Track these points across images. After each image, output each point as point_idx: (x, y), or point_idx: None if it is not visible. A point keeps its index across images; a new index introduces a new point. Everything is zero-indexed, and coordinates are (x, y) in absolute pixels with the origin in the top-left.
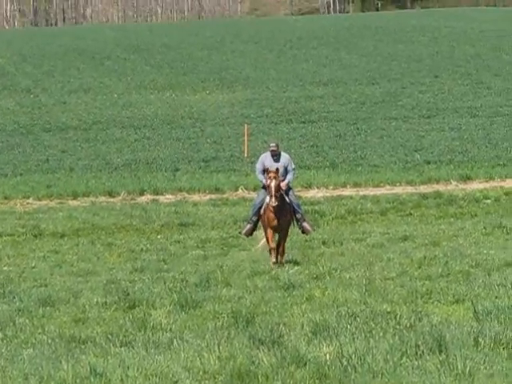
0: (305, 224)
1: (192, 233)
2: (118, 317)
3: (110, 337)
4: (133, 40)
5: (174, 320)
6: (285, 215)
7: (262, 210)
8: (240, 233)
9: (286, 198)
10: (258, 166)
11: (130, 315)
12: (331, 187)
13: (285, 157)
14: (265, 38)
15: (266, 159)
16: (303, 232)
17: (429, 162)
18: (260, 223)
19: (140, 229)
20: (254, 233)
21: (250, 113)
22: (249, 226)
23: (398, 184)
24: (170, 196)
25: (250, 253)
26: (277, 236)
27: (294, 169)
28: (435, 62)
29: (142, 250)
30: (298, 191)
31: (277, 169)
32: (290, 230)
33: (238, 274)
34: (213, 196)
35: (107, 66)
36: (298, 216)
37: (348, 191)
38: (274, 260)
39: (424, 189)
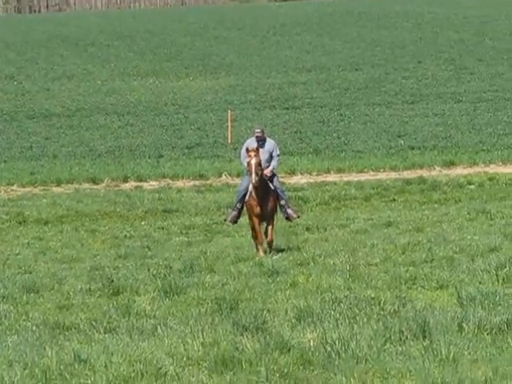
0: (289, 210)
1: (176, 219)
2: (102, 303)
3: (94, 323)
4: (116, 26)
5: (157, 306)
6: (268, 202)
7: (246, 197)
8: (225, 220)
9: (270, 185)
10: (243, 152)
11: (114, 302)
12: (315, 173)
13: (270, 142)
14: (248, 25)
15: (250, 144)
16: (287, 218)
17: (412, 148)
18: (245, 211)
19: (124, 215)
20: (240, 222)
21: (233, 99)
22: (234, 213)
23: (381, 170)
24: (154, 182)
25: (233, 239)
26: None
27: (278, 155)
28: (419, 47)
29: (125, 236)
30: (282, 177)
31: (257, 147)
32: (275, 217)
33: (222, 260)
34: (196, 182)
35: (91, 53)
36: (282, 202)
37: (332, 177)
38: (262, 254)
39: (408, 174)
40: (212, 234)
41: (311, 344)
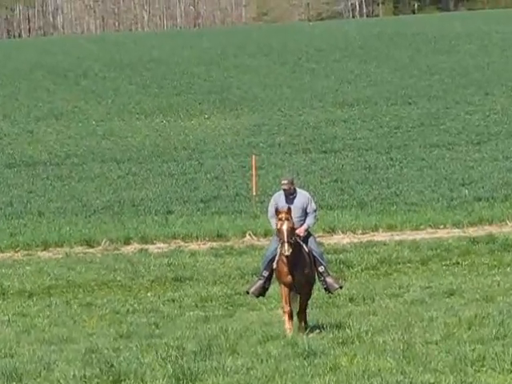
0: (329, 279)
1: (189, 289)
2: None
3: None
4: (114, 54)
5: None
6: (302, 268)
7: (274, 263)
8: (248, 292)
9: (305, 247)
10: (270, 208)
11: None
12: (360, 231)
13: (303, 195)
14: (276, 50)
15: (279, 199)
16: (327, 289)
17: (479, 199)
18: (274, 279)
19: (126, 285)
20: (267, 292)
21: (258, 141)
22: (259, 283)
23: (441, 226)
24: (162, 245)
25: (260, 313)
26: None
27: (315, 210)
28: (485, 75)
29: (128, 311)
30: (319, 237)
31: (289, 208)
32: (312, 289)
33: (247, 339)
34: (214, 244)
35: (83, 87)
36: (321, 269)
37: (380, 236)
38: (290, 327)
39: (474, 232)
40: (234, 308)
41: None
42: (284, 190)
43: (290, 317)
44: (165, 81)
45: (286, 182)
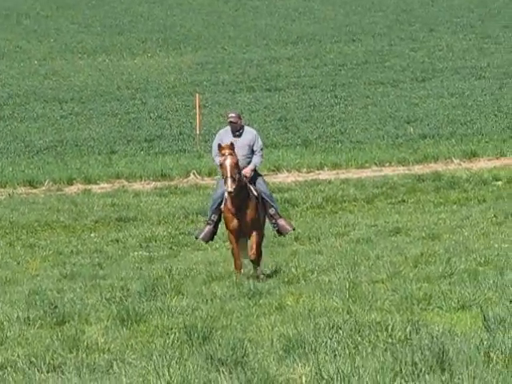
0: (281, 221)
1: (133, 229)
2: (44, 335)
3: (34, 360)
4: None
5: (112, 338)
6: (249, 211)
7: (222, 205)
8: (196, 237)
9: (252, 189)
10: (214, 147)
11: (58, 333)
12: (304, 170)
13: (250, 132)
14: None
15: (225, 136)
16: (279, 232)
17: (425, 137)
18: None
19: (69, 226)
20: (215, 236)
21: (202, 80)
22: (208, 228)
23: (387, 164)
24: (106, 185)
25: (205, 253)
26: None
27: (262, 148)
28: (430, 12)
29: (71, 252)
30: (264, 175)
31: (231, 143)
32: (262, 231)
33: (192, 279)
34: (158, 184)
35: (25, 26)
36: (272, 211)
37: (326, 174)
38: (239, 275)
39: (419, 169)
40: (178, 248)
41: (303, 381)
42: (231, 123)
43: (240, 268)
44: (107, 20)
45: (233, 115)
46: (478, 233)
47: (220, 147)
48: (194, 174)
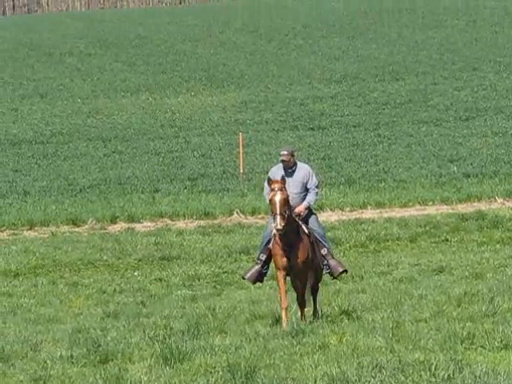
0: (332, 262)
1: (177, 268)
2: (88, 373)
3: None
4: (99, 31)
5: (156, 376)
6: (299, 250)
7: (270, 244)
8: (243, 277)
9: (304, 228)
10: (266, 185)
11: (101, 371)
12: (348, 208)
13: (303, 168)
14: (262, 26)
15: (277, 173)
16: (330, 274)
17: (468, 176)
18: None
19: (112, 264)
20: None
21: (245, 118)
22: (255, 268)
23: (430, 203)
24: (149, 223)
25: (248, 292)
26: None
27: (317, 186)
28: (474, 51)
29: (115, 290)
30: None
31: (282, 177)
32: (315, 274)
33: (235, 318)
34: (202, 222)
35: (68, 65)
36: (324, 252)
37: (369, 213)
38: (285, 325)
39: (463, 208)
40: (222, 286)
41: None
42: (283, 161)
43: (286, 311)
44: (151, 58)
45: (285, 152)
46: None
47: (270, 181)
48: (237, 212)
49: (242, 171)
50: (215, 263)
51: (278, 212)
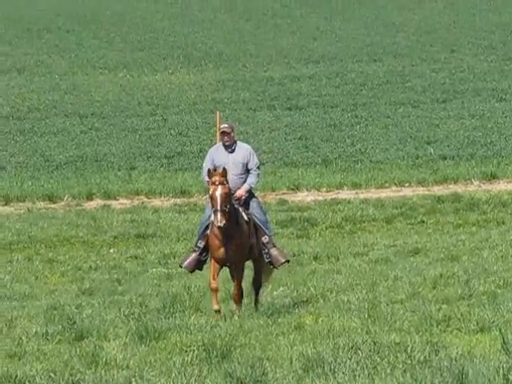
0: (274, 251)
1: (152, 246)
2: (63, 351)
3: (52, 375)
4: (78, 8)
5: (131, 354)
6: (237, 241)
7: (208, 230)
8: (181, 265)
9: (244, 215)
10: (205, 165)
11: (76, 348)
12: (324, 189)
13: (244, 148)
14: (240, 5)
15: (216, 153)
16: (271, 264)
17: (444, 158)
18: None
19: (88, 241)
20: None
21: (222, 97)
22: (193, 256)
23: (406, 184)
24: (125, 200)
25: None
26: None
27: (258, 167)
28: (452, 33)
29: (90, 267)
30: (283, 194)
31: (224, 169)
32: (255, 264)
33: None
34: (178, 200)
35: (46, 41)
36: (265, 239)
37: (345, 194)
38: (217, 307)
39: (439, 190)
40: None
41: None
42: (223, 133)
43: (216, 294)
44: (129, 35)
45: (226, 125)
46: (497, 255)
47: (210, 173)
48: None
49: None
50: (191, 241)
51: (218, 208)
